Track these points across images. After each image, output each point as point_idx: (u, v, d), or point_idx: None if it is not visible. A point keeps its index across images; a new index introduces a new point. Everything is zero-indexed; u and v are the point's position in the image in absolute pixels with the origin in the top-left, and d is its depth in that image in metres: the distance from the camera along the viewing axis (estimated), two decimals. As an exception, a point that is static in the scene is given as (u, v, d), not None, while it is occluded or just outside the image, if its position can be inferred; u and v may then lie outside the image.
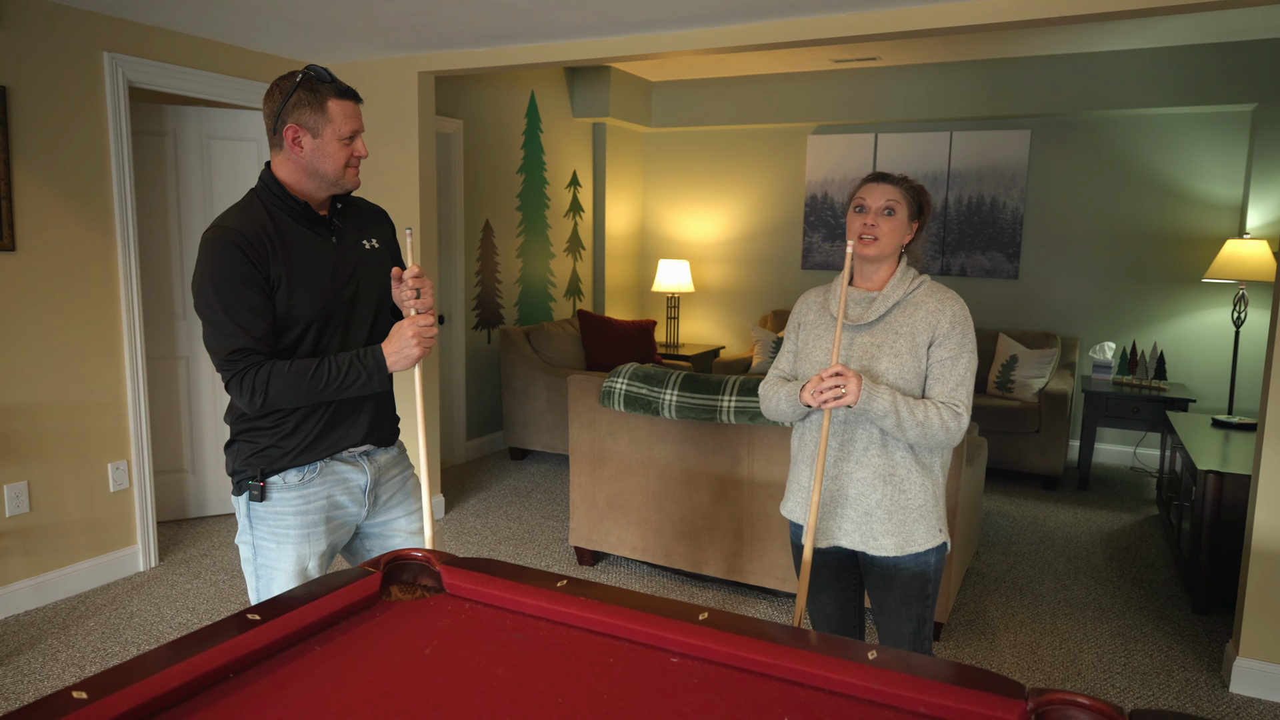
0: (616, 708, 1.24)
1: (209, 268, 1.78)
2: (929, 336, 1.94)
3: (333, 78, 1.85)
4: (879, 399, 1.85)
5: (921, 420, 1.87)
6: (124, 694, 1.17)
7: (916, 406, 1.87)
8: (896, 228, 1.97)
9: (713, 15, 3.41)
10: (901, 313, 1.98)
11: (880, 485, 1.97)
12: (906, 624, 2.02)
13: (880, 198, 1.98)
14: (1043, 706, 1.20)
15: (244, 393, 1.79)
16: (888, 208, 1.97)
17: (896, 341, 1.95)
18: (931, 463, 2.00)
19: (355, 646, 1.41)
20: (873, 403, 1.85)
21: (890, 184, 2.00)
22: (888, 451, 1.97)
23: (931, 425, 1.87)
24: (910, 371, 1.94)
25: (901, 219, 1.98)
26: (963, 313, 1.96)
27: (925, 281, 2.02)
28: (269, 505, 1.91)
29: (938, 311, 1.95)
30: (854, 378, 1.84)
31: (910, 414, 1.86)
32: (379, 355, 1.87)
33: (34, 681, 2.87)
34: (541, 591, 1.55)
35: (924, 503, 1.98)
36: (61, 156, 3.44)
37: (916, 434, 1.88)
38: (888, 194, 1.98)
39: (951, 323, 1.94)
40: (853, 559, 2.11)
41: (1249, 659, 2.93)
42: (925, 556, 2.00)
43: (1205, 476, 3.43)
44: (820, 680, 1.30)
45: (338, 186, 1.90)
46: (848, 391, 1.83)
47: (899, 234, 1.98)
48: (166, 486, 4.33)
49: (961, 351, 1.93)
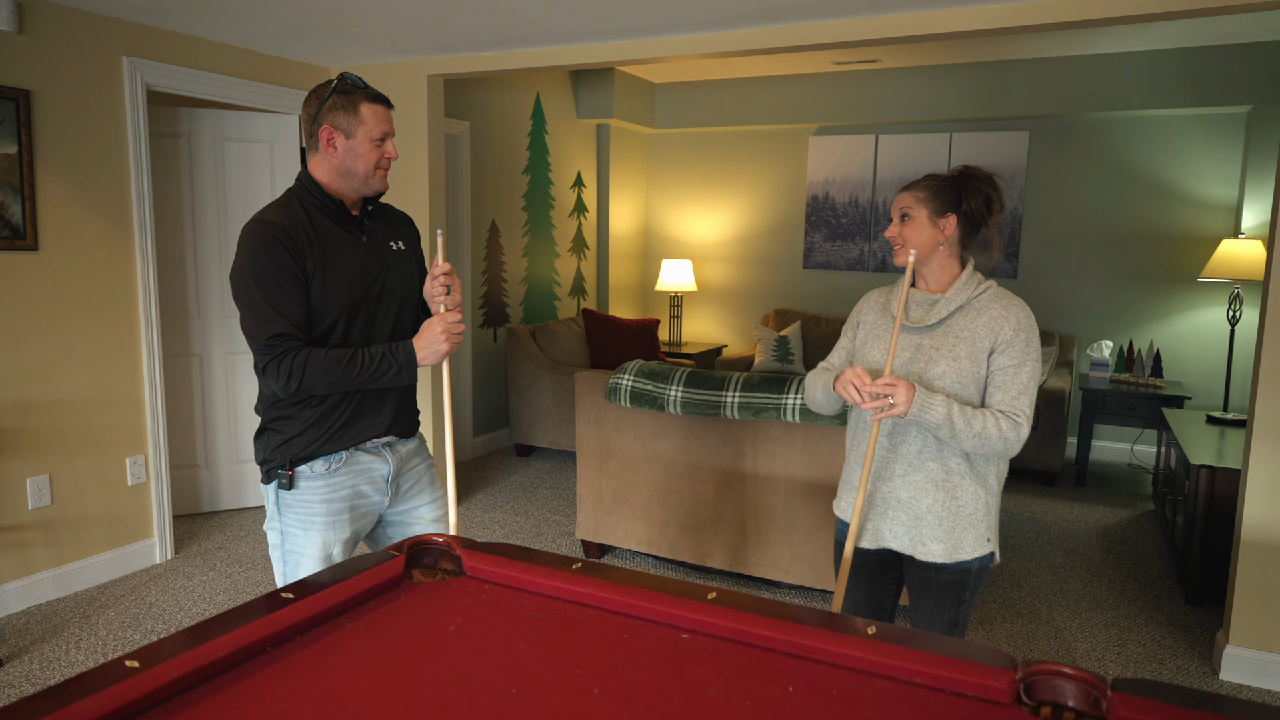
0: (631, 678, 1.32)
1: (249, 258, 1.88)
2: (990, 343, 1.92)
3: (365, 85, 1.96)
4: (933, 409, 1.82)
5: (979, 431, 1.84)
6: (173, 662, 1.25)
7: (974, 417, 1.84)
8: (918, 229, 1.97)
9: (715, 20, 3.49)
10: (964, 317, 1.95)
11: (933, 490, 1.96)
12: (938, 624, 2.03)
13: (896, 207, 2.01)
14: (1030, 676, 1.28)
15: (281, 376, 1.87)
16: (903, 214, 1.99)
17: (956, 346, 1.93)
18: (986, 471, 1.98)
19: (383, 623, 1.49)
20: (926, 414, 1.82)
21: (908, 189, 2.01)
22: (943, 457, 1.96)
23: (989, 435, 1.84)
24: (967, 377, 1.92)
25: (921, 220, 1.97)
26: (1028, 321, 1.92)
27: (991, 287, 1.99)
28: (296, 493, 1.99)
29: (1001, 318, 1.92)
30: (905, 388, 1.80)
31: (967, 425, 1.83)
32: (410, 349, 1.97)
33: (59, 668, 2.96)
34: (558, 573, 1.63)
35: (975, 510, 1.96)
36: (82, 158, 3.52)
37: (973, 444, 1.85)
38: (902, 201, 2.00)
39: (1015, 330, 1.90)
40: (895, 559, 2.11)
41: (1238, 647, 3.02)
42: (969, 564, 1.99)
43: (1198, 471, 3.51)
44: (822, 653, 1.39)
45: (368, 187, 2.00)
46: (897, 402, 1.80)
47: (923, 234, 1.97)
48: (181, 481, 4.42)
49: (1025, 360, 1.90)
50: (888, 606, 2.20)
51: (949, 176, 2.00)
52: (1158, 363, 5.44)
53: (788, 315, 6.67)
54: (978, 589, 2.03)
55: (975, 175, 1.99)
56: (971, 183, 1.98)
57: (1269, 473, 2.94)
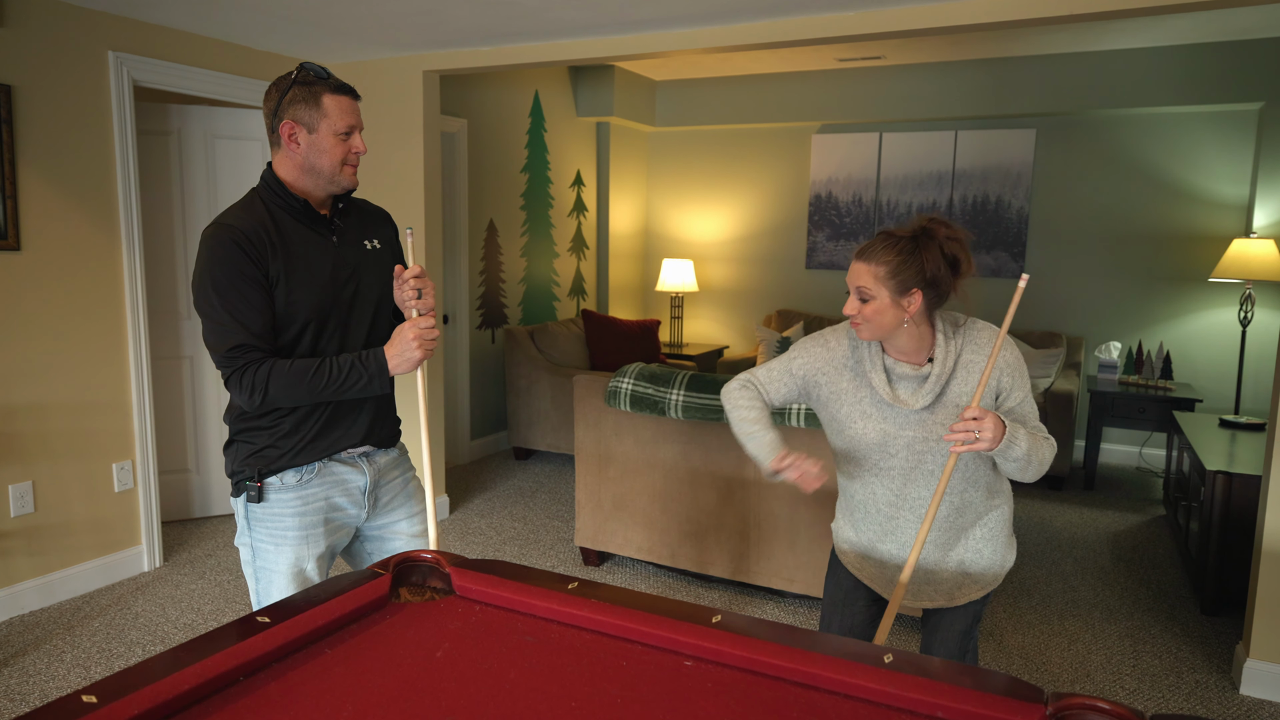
0: (630, 712, 1.23)
1: (208, 264, 1.77)
2: (994, 394, 1.85)
3: (329, 74, 1.85)
4: (1018, 444, 1.74)
5: (1044, 458, 1.81)
6: (133, 698, 1.16)
7: (1038, 446, 1.79)
8: (880, 310, 1.76)
9: (718, 13, 3.40)
10: (956, 384, 1.84)
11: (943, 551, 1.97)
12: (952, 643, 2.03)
13: (853, 282, 1.79)
14: (1062, 711, 1.19)
15: (244, 390, 1.78)
16: (861, 296, 1.78)
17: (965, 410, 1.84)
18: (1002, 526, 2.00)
19: (366, 649, 1.40)
20: (1012, 448, 1.74)
21: (864, 261, 1.77)
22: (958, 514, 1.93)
23: (1046, 461, 1.82)
24: None
25: (883, 301, 1.75)
26: (1014, 357, 1.84)
27: (963, 333, 1.86)
28: (267, 506, 1.89)
29: (994, 370, 1.82)
30: (994, 422, 1.68)
31: (1038, 453, 1.79)
32: (381, 358, 1.85)
33: (39, 682, 2.87)
34: (552, 594, 1.54)
35: (984, 570, 1.98)
36: (66, 156, 3.43)
37: (1036, 471, 1.82)
38: (859, 277, 1.77)
39: (1011, 373, 1.84)
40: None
41: (1260, 661, 2.92)
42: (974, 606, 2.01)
43: (1214, 477, 3.42)
44: (836, 684, 1.29)
45: (334, 184, 1.88)
46: (983, 438, 1.68)
47: (886, 316, 1.77)
48: (171, 487, 4.32)
49: (1024, 386, 1.86)
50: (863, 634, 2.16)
51: (907, 242, 1.75)
52: (1168, 364, 5.34)
53: (790, 316, 6.57)
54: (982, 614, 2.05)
55: (936, 235, 1.75)
56: (932, 247, 1.75)
57: (1291, 480, 2.84)
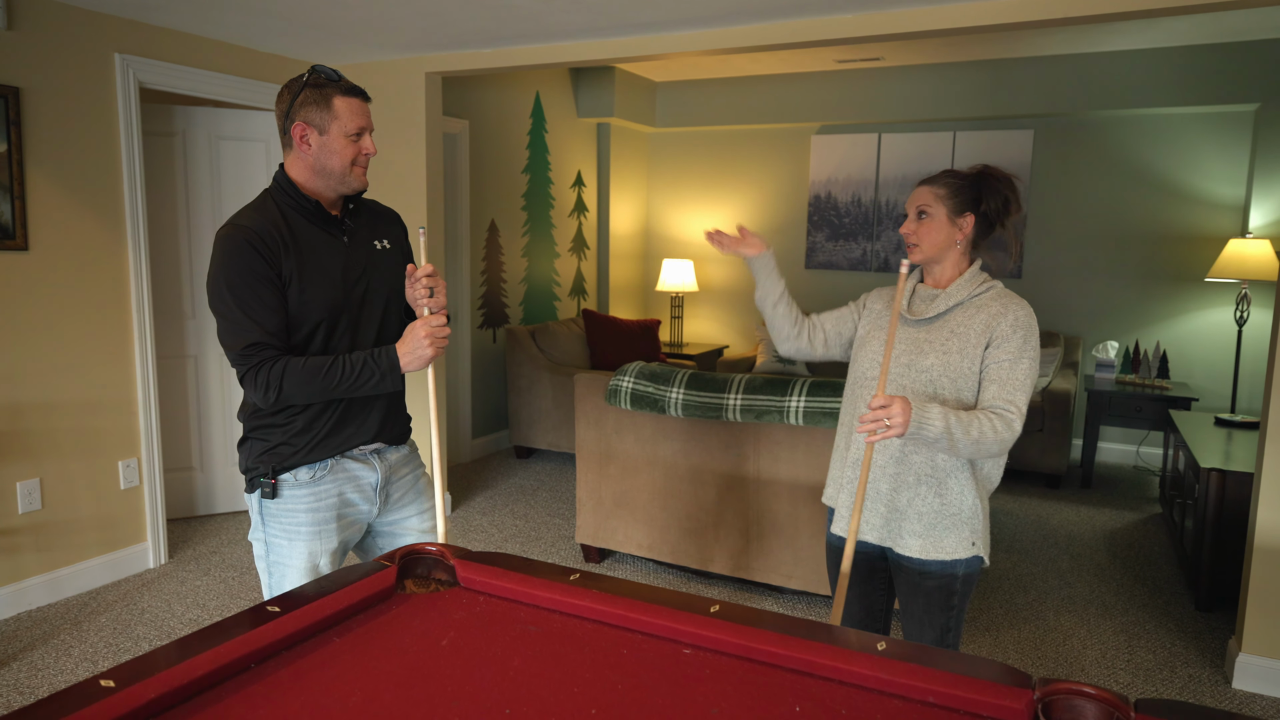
0: (631, 697, 1.26)
1: (223, 265, 1.81)
2: (986, 339, 1.89)
3: (339, 76, 1.89)
4: (930, 425, 1.76)
5: (976, 438, 1.79)
6: (150, 682, 1.20)
7: (971, 424, 1.79)
8: (934, 228, 1.95)
9: (716, 16, 3.44)
10: (962, 313, 1.93)
11: (915, 485, 1.94)
12: (929, 632, 1.99)
13: (914, 203, 1.98)
14: (1049, 696, 1.23)
15: (258, 387, 1.82)
16: (920, 211, 1.97)
17: (949, 340, 1.92)
18: (977, 472, 1.96)
19: (373, 638, 1.44)
20: (923, 429, 1.77)
21: (928, 185, 1.98)
22: (929, 452, 1.93)
23: (985, 440, 1.80)
24: (955, 371, 1.90)
25: (939, 218, 1.95)
26: (1027, 318, 1.89)
27: (995, 287, 1.96)
28: (280, 502, 1.93)
29: (999, 314, 1.90)
30: (901, 406, 1.73)
31: (965, 433, 1.78)
32: (392, 355, 1.89)
33: (48, 676, 2.91)
34: (555, 585, 1.57)
35: (960, 510, 1.94)
36: (73, 157, 3.47)
37: (971, 450, 1.81)
38: (920, 197, 1.97)
39: (1013, 326, 1.88)
40: (882, 559, 2.09)
41: (1251, 655, 2.96)
42: (953, 566, 1.95)
43: (1208, 474, 3.45)
44: (830, 670, 1.33)
45: (345, 185, 1.92)
46: (893, 424, 1.73)
47: (939, 234, 1.95)
48: (175, 484, 4.36)
49: (1022, 355, 1.87)
50: (882, 609, 2.18)
51: (969, 175, 1.98)
52: (1164, 364, 5.38)
53: (790, 316, 6.60)
54: (968, 595, 2.01)
55: (995, 175, 1.97)
56: (991, 182, 1.96)
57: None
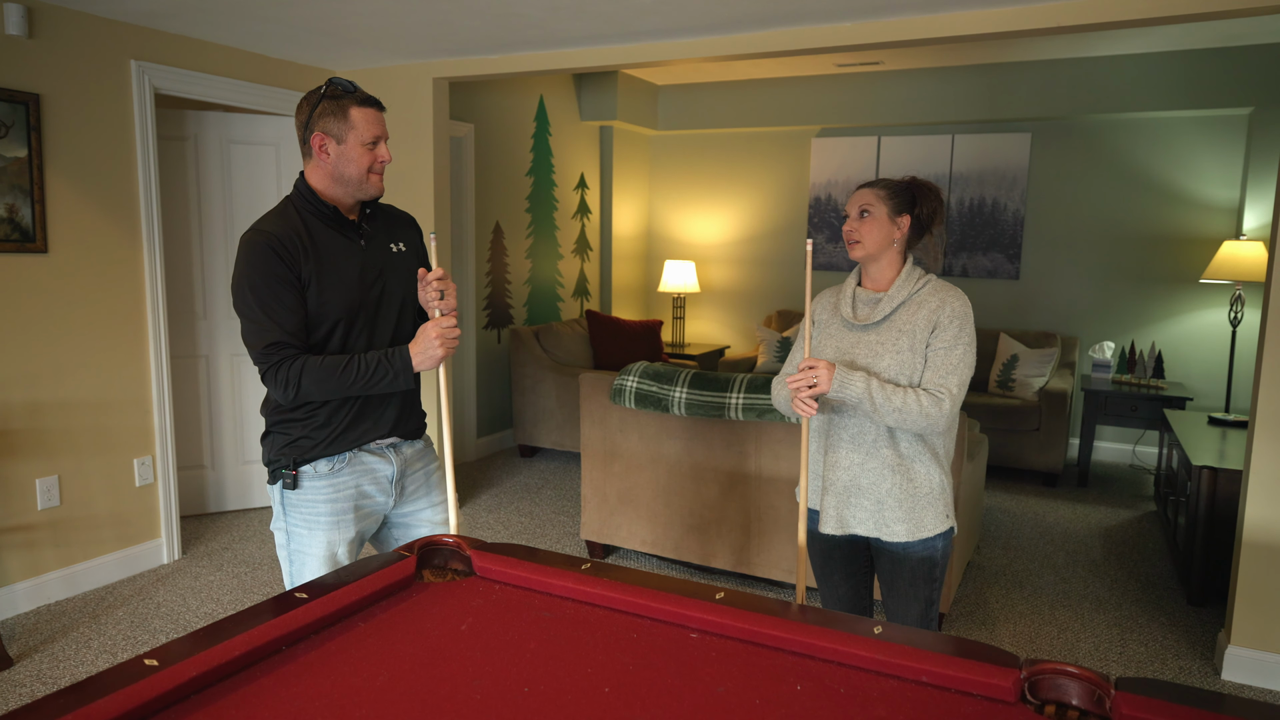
0: (641, 677, 1.34)
1: (246, 268, 1.90)
2: (928, 332, 2.04)
3: (355, 88, 1.98)
4: (852, 385, 1.96)
5: (899, 406, 1.95)
6: (190, 661, 1.27)
7: (894, 393, 1.96)
8: (875, 226, 2.08)
9: (718, 24, 3.51)
10: (905, 311, 2.08)
11: (890, 474, 2.07)
12: (914, 605, 2.14)
13: (855, 203, 2.12)
14: (1035, 675, 1.30)
15: (279, 384, 1.91)
16: (863, 210, 2.10)
17: (899, 339, 2.05)
18: (937, 449, 2.11)
19: (396, 623, 1.51)
20: (845, 389, 1.97)
21: (868, 187, 2.13)
22: (894, 442, 2.07)
23: (909, 410, 1.96)
24: (911, 367, 2.04)
25: (880, 217, 2.08)
26: (963, 308, 2.05)
27: (930, 281, 2.11)
28: (301, 493, 2.02)
29: (939, 308, 2.05)
30: (825, 367, 1.96)
31: (886, 400, 1.95)
32: (405, 355, 1.98)
33: (69, 667, 2.98)
34: (567, 574, 1.65)
35: (931, 489, 2.09)
36: (91, 161, 3.55)
37: (894, 419, 1.97)
38: (863, 198, 2.11)
39: (950, 316, 2.03)
40: (865, 545, 2.22)
41: (1240, 647, 3.03)
42: (934, 541, 2.10)
43: (1200, 472, 3.53)
44: (829, 653, 1.41)
45: (362, 192, 2.01)
46: (819, 380, 1.96)
47: (880, 231, 2.08)
48: (188, 482, 4.44)
49: (957, 342, 2.02)
50: (867, 587, 2.31)
51: (902, 182, 2.15)
52: (1159, 364, 5.45)
53: (790, 316, 6.69)
54: (946, 565, 2.16)
55: (926, 185, 2.16)
56: (924, 189, 2.14)
57: (1271, 473, 2.96)
